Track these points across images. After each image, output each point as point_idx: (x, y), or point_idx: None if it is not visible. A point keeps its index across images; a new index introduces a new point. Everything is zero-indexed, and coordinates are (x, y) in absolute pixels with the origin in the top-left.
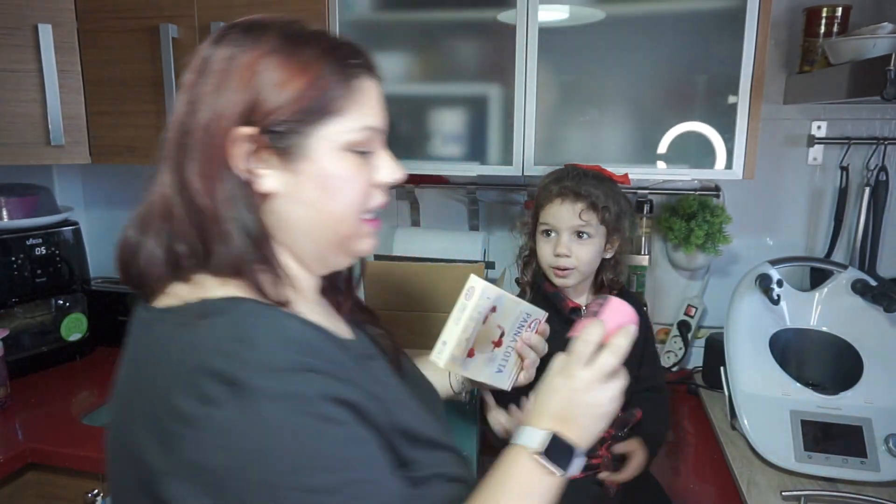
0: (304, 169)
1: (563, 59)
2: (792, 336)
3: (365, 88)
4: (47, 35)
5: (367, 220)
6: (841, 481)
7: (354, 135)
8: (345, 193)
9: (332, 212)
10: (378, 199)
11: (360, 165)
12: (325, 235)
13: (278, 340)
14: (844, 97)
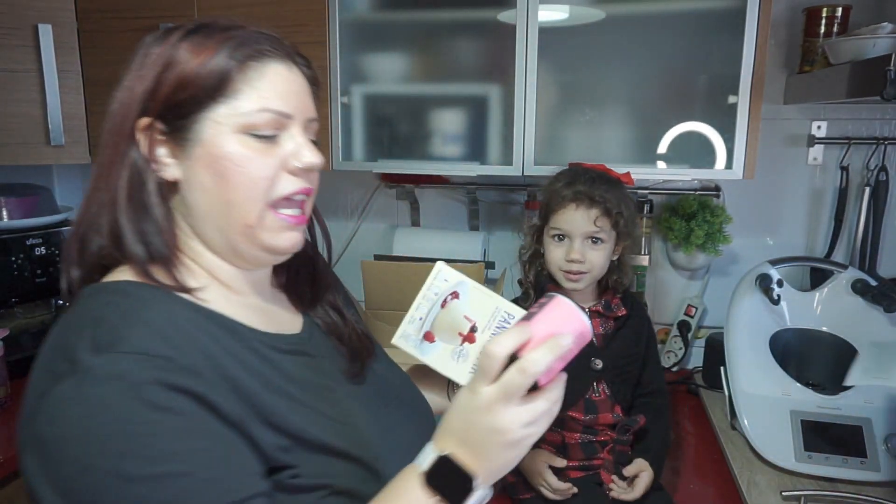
0: (198, 154)
1: (563, 59)
2: (792, 336)
3: (267, 72)
4: (47, 35)
5: (278, 212)
6: (841, 481)
7: (250, 117)
8: (239, 178)
9: (228, 198)
10: (287, 186)
11: (259, 150)
12: (227, 224)
13: (130, 323)
14: (844, 97)
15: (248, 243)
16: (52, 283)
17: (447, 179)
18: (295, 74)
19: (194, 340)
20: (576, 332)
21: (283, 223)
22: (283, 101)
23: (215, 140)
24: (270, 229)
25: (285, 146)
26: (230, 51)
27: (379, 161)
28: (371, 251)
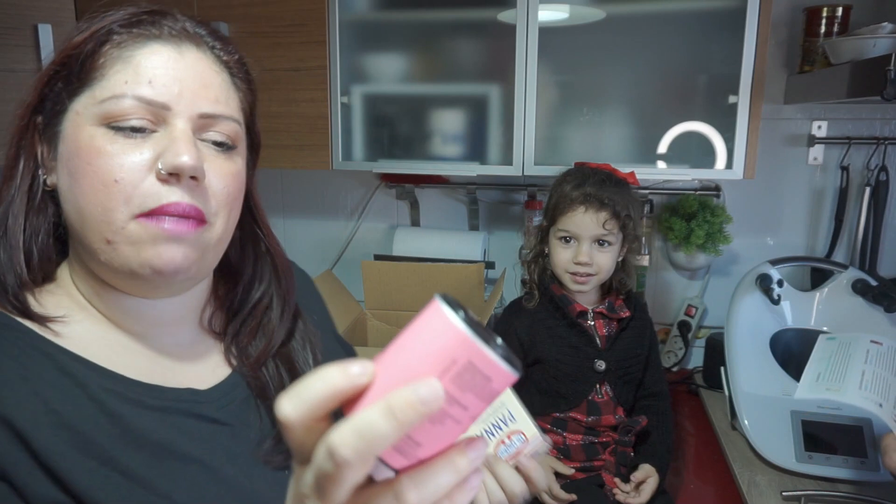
0: (61, 152)
1: (563, 59)
2: (792, 336)
3: (138, 55)
4: (47, 35)
5: (146, 218)
6: (841, 481)
7: (107, 105)
8: (91, 179)
9: (80, 206)
10: (149, 198)
11: (121, 145)
12: (85, 238)
13: None
14: (845, 97)
15: (108, 264)
16: None
17: (447, 179)
18: (190, 59)
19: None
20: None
21: (154, 232)
22: (158, 89)
23: (73, 133)
24: (135, 241)
25: (158, 143)
26: (104, 32)
27: (379, 161)
28: (371, 251)
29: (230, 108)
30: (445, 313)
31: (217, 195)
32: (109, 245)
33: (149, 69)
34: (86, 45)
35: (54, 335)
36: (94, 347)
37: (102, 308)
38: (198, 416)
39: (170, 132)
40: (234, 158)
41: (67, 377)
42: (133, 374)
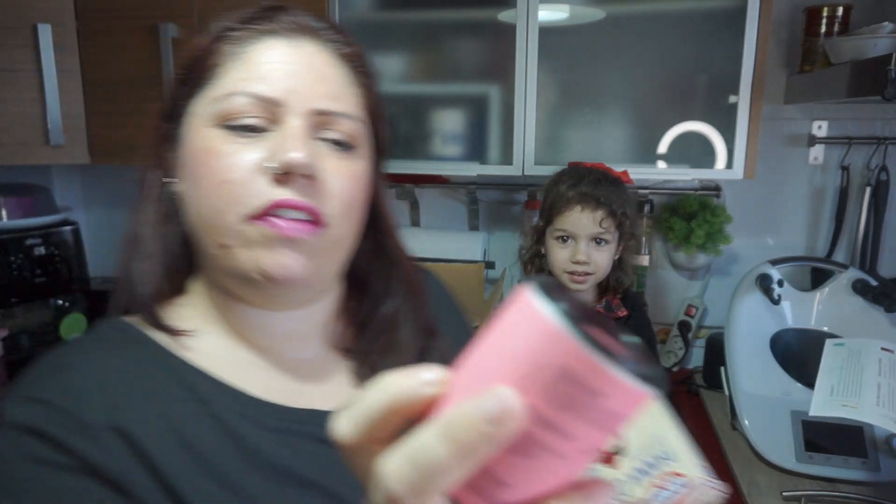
0: (181, 155)
1: (563, 59)
2: (793, 336)
3: (253, 51)
4: (46, 35)
5: (259, 220)
6: (841, 481)
7: (220, 104)
8: (207, 181)
9: (196, 207)
10: (258, 196)
11: (236, 145)
12: (203, 241)
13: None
14: (845, 97)
15: (222, 269)
16: (52, 284)
17: (447, 179)
18: (305, 53)
19: (127, 398)
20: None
21: (268, 233)
22: (271, 85)
23: (190, 136)
24: (248, 244)
25: (272, 142)
26: (220, 31)
27: None
28: None
29: (348, 105)
30: (533, 303)
31: (335, 196)
32: (224, 249)
33: (262, 65)
34: (203, 46)
35: (183, 349)
36: (219, 363)
37: (228, 321)
38: (321, 440)
39: (283, 130)
40: (355, 159)
41: (192, 394)
42: (257, 391)
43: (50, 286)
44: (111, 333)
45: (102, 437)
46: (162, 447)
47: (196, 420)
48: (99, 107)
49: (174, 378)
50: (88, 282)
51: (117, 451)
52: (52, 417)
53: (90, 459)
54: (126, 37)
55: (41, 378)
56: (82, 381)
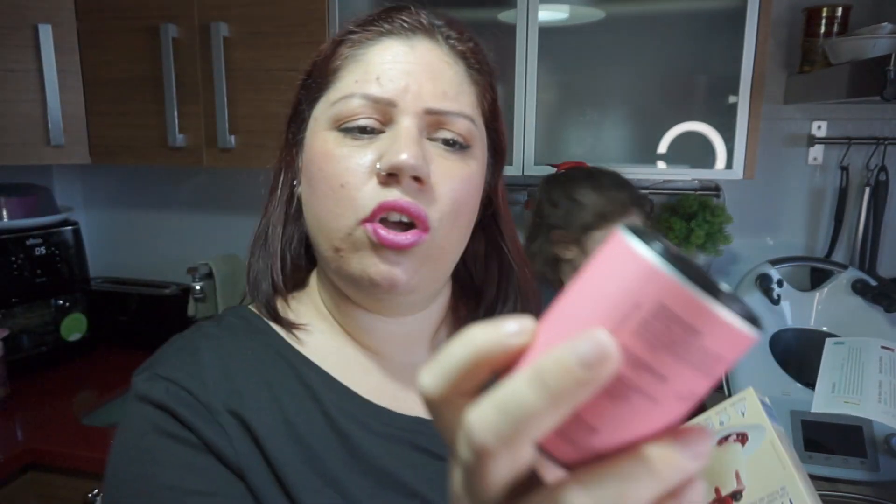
0: (303, 160)
1: (564, 59)
2: (792, 336)
3: (370, 52)
4: (47, 35)
5: (369, 223)
6: (841, 481)
7: (336, 107)
8: (323, 185)
9: (316, 212)
10: (368, 200)
11: (352, 148)
12: (320, 244)
13: (184, 349)
14: (845, 97)
15: (337, 273)
16: (52, 283)
17: None
18: (420, 51)
19: (246, 386)
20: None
21: (374, 238)
22: (385, 85)
23: (311, 140)
24: (358, 248)
25: (383, 145)
26: (341, 34)
27: None
28: None
29: (461, 104)
30: (627, 242)
31: (442, 199)
32: (338, 254)
33: (377, 66)
34: (324, 50)
35: (298, 342)
36: (331, 359)
37: (341, 320)
38: (423, 449)
39: (394, 131)
40: (468, 160)
41: (305, 388)
42: (365, 391)
43: (50, 286)
44: (236, 322)
45: (222, 422)
46: (275, 437)
47: (308, 416)
48: (99, 107)
49: (291, 371)
50: (88, 282)
51: (235, 436)
52: (180, 396)
53: (211, 440)
54: (126, 37)
55: (171, 357)
56: (207, 365)
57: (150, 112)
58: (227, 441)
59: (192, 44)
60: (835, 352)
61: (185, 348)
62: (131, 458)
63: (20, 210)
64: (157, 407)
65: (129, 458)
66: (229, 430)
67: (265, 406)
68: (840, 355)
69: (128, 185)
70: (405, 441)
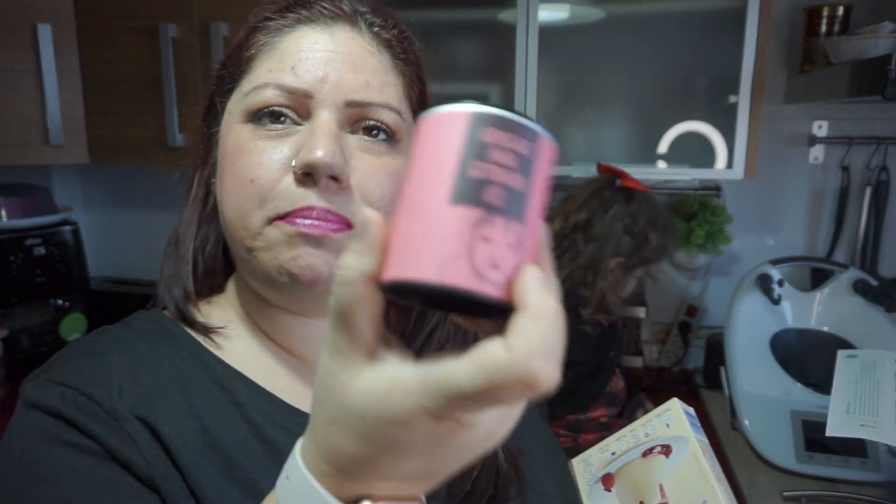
0: (216, 155)
1: (564, 59)
2: (793, 336)
3: (286, 41)
4: (46, 35)
5: (281, 220)
6: (842, 482)
7: (251, 98)
8: (231, 180)
9: (223, 207)
10: (288, 200)
11: (265, 140)
12: (231, 243)
13: (86, 354)
14: (845, 97)
15: (251, 274)
16: (52, 283)
17: None
18: (340, 40)
19: (158, 392)
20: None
21: (290, 232)
22: (301, 75)
23: (224, 134)
24: (271, 245)
25: (300, 139)
26: (257, 21)
27: None
28: None
29: (386, 95)
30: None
31: (368, 198)
32: (250, 253)
33: (294, 55)
34: (240, 39)
35: (216, 347)
36: (252, 364)
37: (262, 324)
38: None
39: (311, 125)
40: (396, 154)
41: (224, 393)
42: (289, 397)
43: (50, 286)
44: (146, 325)
45: (129, 428)
46: (189, 445)
47: (227, 421)
48: (99, 107)
49: (208, 376)
50: (88, 282)
51: (143, 444)
52: (77, 402)
53: (116, 449)
54: (126, 37)
55: (68, 363)
56: (112, 369)
57: (150, 112)
58: (135, 449)
59: (192, 44)
60: (848, 366)
61: (86, 352)
62: (17, 472)
63: (19, 210)
64: (48, 414)
65: (15, 473)
66: (137, 438)
67: (178, 412)
68: (853, 370)
69: (128, 185)
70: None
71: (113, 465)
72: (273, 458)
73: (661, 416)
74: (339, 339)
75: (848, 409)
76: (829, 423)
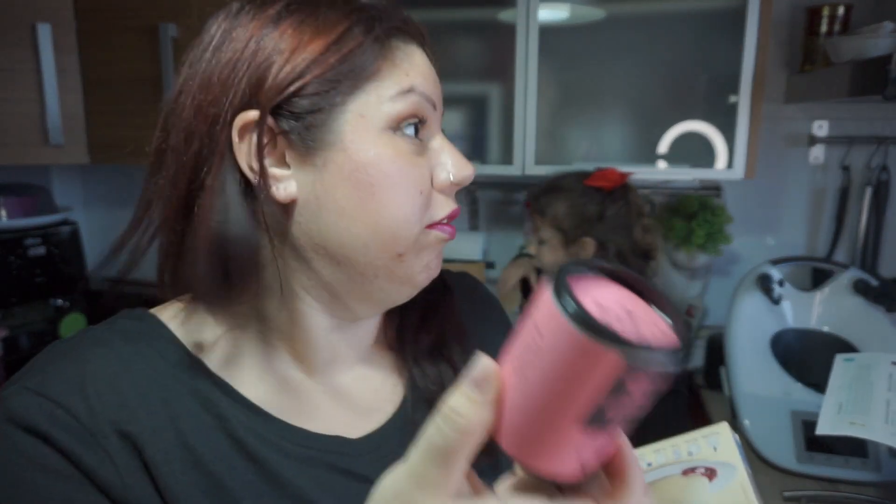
0: (334, 161)
1: (564, 59)
2: (793, 336)
3: (408, 52)
4: (46, 34)
5: (438, 226)
6: (842, 482)
7: (396, 104)
8: (392, 193)
9: (376, 221)
10: (439, 208)
11: (411, 153)
12: (371, 255)
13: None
14: (846, 96)
15: (390, 278)
16: (51, 284)
17: None
18: (427, 57)
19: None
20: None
21: (440, 237)
22: (430, 87)
23: (360, 140)
24: (420, 249)
25: (432, 151)
26: (367, 24)
27: None
28: None
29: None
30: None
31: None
32: (399, 259)
33: (417, 65)
34: (352, 40)
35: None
36: (240, 373)
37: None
38: (344, 470)
39: (440, 142)
40: None
41: (209, 407)
42: (276, 410)
43: (49, 286)
44: (130, 325)
45: (108, 447)
46: (171, 464)
47: (211, 438)
48: (99, 107)
49: (192, 386)
50: (88, 282)
51: (122, 464)
52: (55, 416)
53: (93, 471)
54: (126, 37)
55: (48, 367)
56: (92, 375)
57: (150, 112)
58: (112, 470)
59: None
60: (844, 369)
61: (66, 355)
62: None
63: (19, 210)
64: (27, 432)
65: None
66: (116, 458)
67: (159, 424)
68: (849, 373)
69: (127, 185)
70: (324, 463)
71: (89, 490)
72: (261, 476)
73: (708, 437)
74: (431, 472)
75: (840, 409)
76: (820, 423)
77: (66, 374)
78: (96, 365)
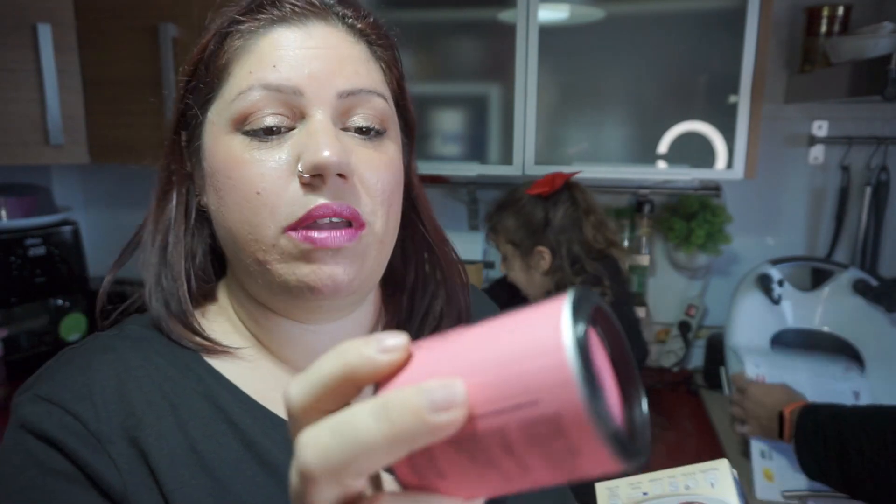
0: (205, 168)
1: (564, 59)
2: (793, 336)
3: (259, 43)
4: (46, 35)
5: (300, 232)
6: None
7: (236, 104)
8: (234, 195)
9: (228, 223)
10: (296, 206)
11: (260, 150)
12: (239, 257)
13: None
14: (845, 97)
15: (269, 288)
16: (52, 284)
17: (447, 179)
18: (318, 35)
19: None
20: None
21: (306, 246)
22: (285, 72)
23: (212, 146)
24: (287, 258)
25: (297, 143)
26: (225, 26)
27: None
28: None
29: (373, 81)
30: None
31: (371, 191)
32: (262, 266)
33: (273, 53)
34: (209, 46)
35: (212, 357)
36: (248, 377)
37: (259, 333)
38: None
39: (308, 126)
40: (386, 145)
41: (217, 410)
42: (282, 410)
43: (50, 286)
44: (140, 332)
45: (112, 452)
46: (176, 467)
47: (220, 442)
48: (99, 107)
49: (201, 391)
50: (88, 282)
51: (127, 468)
52: (64, 422)
53: (97, 475)
54: (126, 37)
55: (57, 374)
56: (102, 384)
57: (150, 112)
58: (115, 475)
59: (192, 44)
60: None
61: (74, 362)
62: (3, 496)
63: (19, 210)
64: (37, 437)
65: (3, 496)
66: (120, 463)
67: (167, 430)
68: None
69: (127, 185)
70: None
71: (93, 493)
72: (268, 475)
73: (706, 472)
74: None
75: None
76: None
77: (75, 381)
78: (104, 373)
